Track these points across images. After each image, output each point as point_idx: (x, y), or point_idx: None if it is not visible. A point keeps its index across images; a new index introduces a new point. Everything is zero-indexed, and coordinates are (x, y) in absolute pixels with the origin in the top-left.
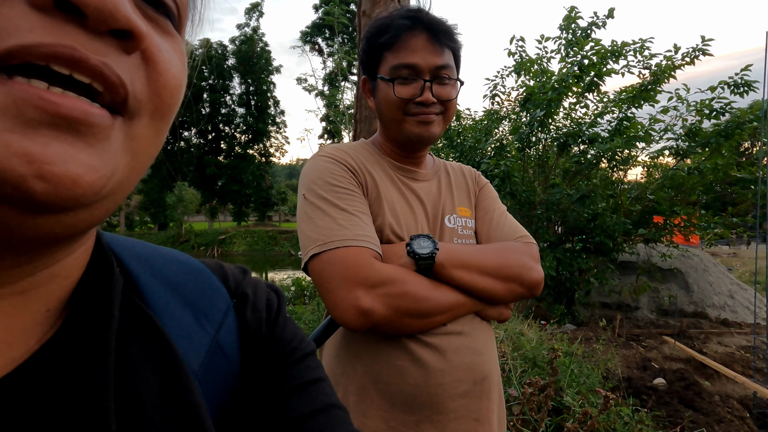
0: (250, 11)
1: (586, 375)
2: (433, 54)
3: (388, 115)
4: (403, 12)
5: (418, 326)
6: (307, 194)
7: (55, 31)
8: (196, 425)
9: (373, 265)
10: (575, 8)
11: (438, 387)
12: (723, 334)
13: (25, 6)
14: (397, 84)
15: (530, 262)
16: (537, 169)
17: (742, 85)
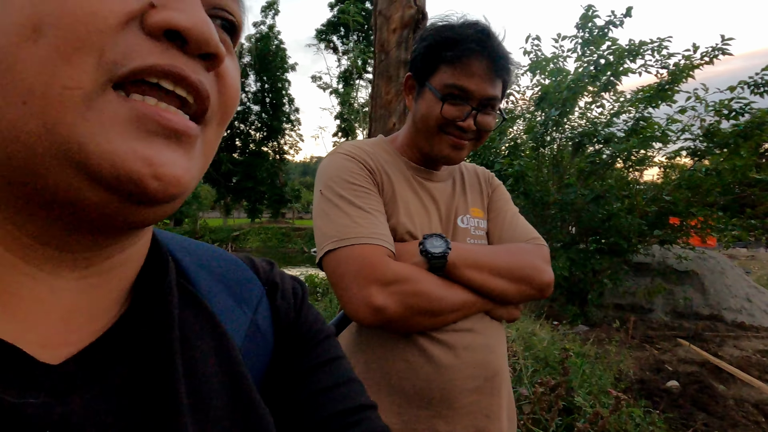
0: (266, 9)
1: (598, 376)
2: (487, 83)
3: (424, 126)
4: (473, 32)
5: (430, 324)
6: (324, 190)
7: (166, 54)
8: (245, 390)
9: (386, 263)
10: (592, 7)
11: (449, 383)
12: (739, 337)
13: (141, 33)
14: (447, 104)
15: (541, 264)
16: (551, 169)
17: (762, 85)
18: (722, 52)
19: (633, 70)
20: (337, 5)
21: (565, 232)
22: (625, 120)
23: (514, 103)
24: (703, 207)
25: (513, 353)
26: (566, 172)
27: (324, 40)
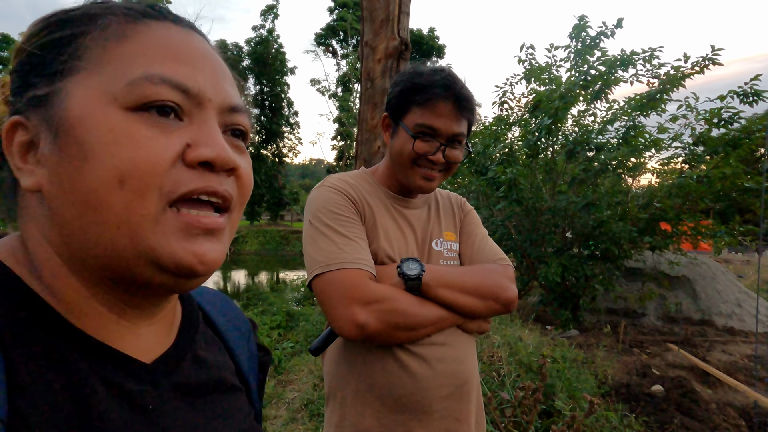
0: (266, 13)
1: (582, 381)
2: (453, 122)
3: (399, 160)
4: (440, 78)
5: (407, 338)
6: (312, 220)
7: (202, 178)
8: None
9: (367, 284)
10: (585, 17)
11: (424, 391)
12: (728, 342)
13: (183, 167)
14: (418, 141)
15: (506, 282)
16: (545, 176)
17: (751, 94)
18: (712, 62)
19: (624, 80)
20: (336, 10)
21: (558, 238)
22: (617, 128)
23: (509, 110)
24: (694, 213)
25: (498, 359)
26: (560, 179)
27: (323, 45)
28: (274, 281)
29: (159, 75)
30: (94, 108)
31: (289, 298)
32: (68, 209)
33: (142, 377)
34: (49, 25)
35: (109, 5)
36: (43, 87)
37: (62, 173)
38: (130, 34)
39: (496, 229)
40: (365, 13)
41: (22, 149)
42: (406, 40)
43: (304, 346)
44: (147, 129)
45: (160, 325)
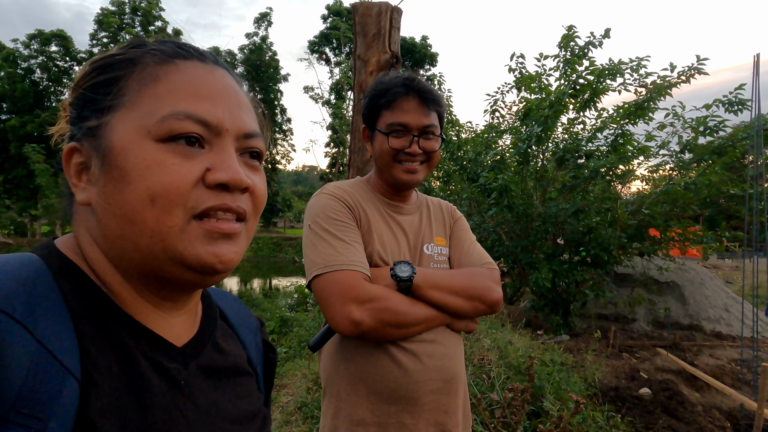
0: (259, 20)
1: (571, 383)
2: (420, 115)
3: (381, 161)
4: (400, 79)
5: (398, 335)
6: (312, 225)
7: (218, 197)
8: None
9: (363, 285)
10: (573, 27)
11: (415, 384)
12: (715, 346)
13: (203, 188)
14: (391, 137)
15: (492, 284)
16: (536, 183)
17: (736, 103)
18: (698, 71)
19: (612, 89)
20: (329, 18)
21: (549, 244)
22: (605, 136)
23: (500, 118)
24: (682, 220)
25: (488, 361)
26: (550, 186)
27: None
28: (267, 288)
29: (183, 111)
30: (132, 140)
31: (282, 305)
32: (112, 221)
33: (175, 357)
34: (98, 67)
35: (145, 49)
36: (93, 120)
37: (107, 192)
38: (162, 76)
39: (487, 236)
40: (358, 27)
41: (77, 170)
42: (397, 53)
43: (298, 351)
44: (173, 157)
45: (186, 316)
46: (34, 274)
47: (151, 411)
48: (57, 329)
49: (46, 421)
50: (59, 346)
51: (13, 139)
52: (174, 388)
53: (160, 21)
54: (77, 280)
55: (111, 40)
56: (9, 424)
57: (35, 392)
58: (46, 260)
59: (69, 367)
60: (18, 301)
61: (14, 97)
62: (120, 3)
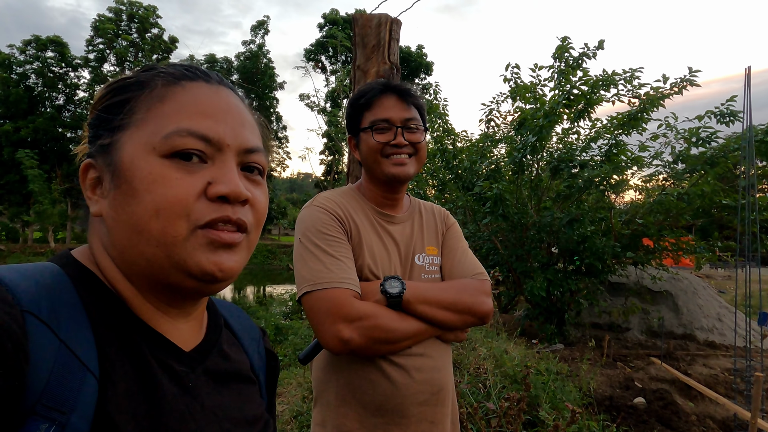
0: (256, 29)
1: (567, 392)
2: (401, 110)
3: (369, 159)
4: (376, 82)
5: (388, 350)
6: (302, 239)
7: (220, 209)
8: (252, 387)
9: (352, 303)
10: (567, 38)
11: (403, 398)
12: (709, 356)
13: (205, 200)
14: (376, 133)
15: (482, 297)
16: (530, 192)
17: (727, 114)
18: (690, 83)
19: (606, 99)
20: (326, 26)
21: (544, 253)
22: (600, 146)
23: (495, 127)
24: (676, 229)
25: (484, 371)
26: (545, 195)
27: (313, 60)
28: (261, 295)
29: (186, 129)
30: (139, 156)
31: (276, 312)
32: (121, 231)
33: (183, 361)
34: (112, 90)
35: (155, 72)
36: (106, 138)
37: (117, 204)
38: (169, 96)
39: (482, 244)
40: (357, 38)
41: (92, 184)
42: (396, 64)
43: (293, 360)
44: (176, 172)
45: (193, 323)
46: (56, 281)
47: (163, 409)
48: (77, 331)
49: (68, 414)
50: (79, 346)
51: (6, 144)
52: (182, 389)
53: (156, 28)
54: (93, 287)
55: (107, 46)
56: (36, 416)
57: (59, 387)
58: (65, 269)
59: (89, 366)
60: (43, 305)
61: (8, 102)
62: (117, 10)
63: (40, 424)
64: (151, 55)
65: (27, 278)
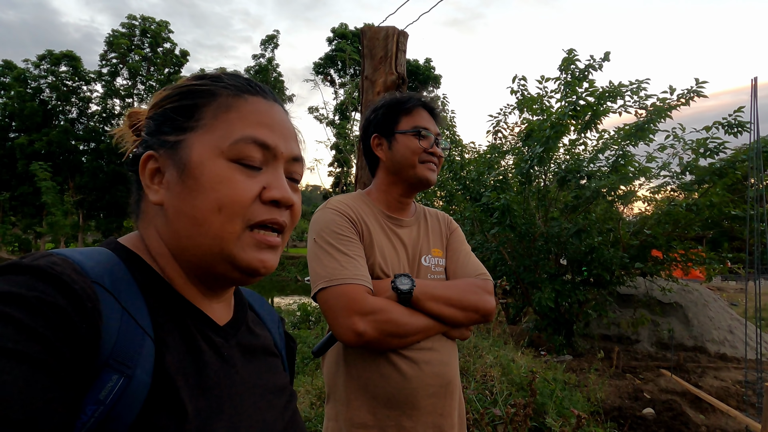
0: (266, 43)
1: (574, 401)
2: (433, 125)
3: (406, 161)
4: (413, 94)
5: (399, 344)
6: (317, 239)
7: (271, 212)
8: (276, 360)
9: (366, 298)
10: (573, 51)
11: (414, 390)
12: (720, 368)
13: (260, 203)
14: (421, 138)
15: (485, 295)
16: (538, 203)
17: (735, 125)
18: (697, 94)
19: (613, 110)
20: (335, 40)
21: (552, 264)
22: (607, 156)
23: (503, 138)
24: (685, 241)
25: (491, 378)
26: (552, 206)
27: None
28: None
29: (251, 136)
30: (209, 158)
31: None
32: (182, 221)
33: (219, 333)
34: (180, 93)
35: (221, 83)
36: (172, 136)
37: (182, 197)
38: (234, 106)
39: (490, 255)
40: (365, 50)
41: (152, 174)
42: (403, 75)
43: (301, 368)
44: (239, 175)
45: (224, 304)
46: (111, 261)
47: (206, 372)
48: (134, 302)
49: (133, 368)
50: (137, 314)
51: (20, 157)
52: (220, 357)
53: (168, 43)
54: (142, 267)
55: (120, 60)
56: (109, 368)
57: (125, 346)
58: (115, 252)
59: (146, 330)
60: (106, 278)
61: (23, 115)
62: (130, 25)
63: (112, 375)
64: (163, 69)
65: (87, 257)
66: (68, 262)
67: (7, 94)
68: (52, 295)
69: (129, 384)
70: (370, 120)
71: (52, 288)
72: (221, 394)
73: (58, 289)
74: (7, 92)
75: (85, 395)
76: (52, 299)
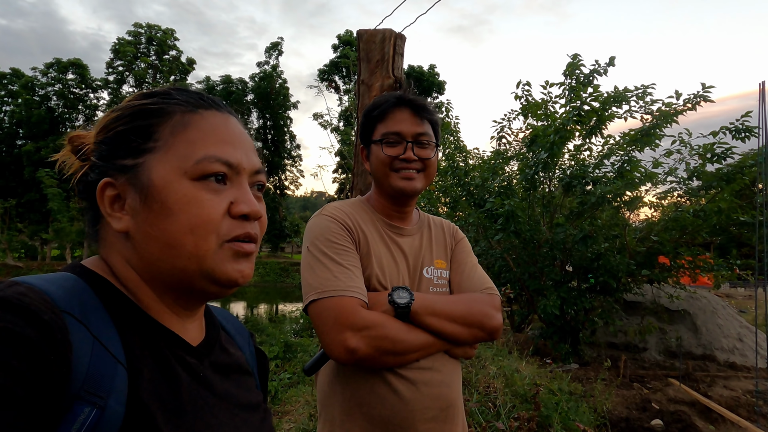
0: (270, 50)
1: (580, 413)
2: (414, 124)
3: (378, 172)
4: (393, 94)
5: (395, 362)
6: (310, 247)
7: (243, 227)
8: (249, 378)
9: (359, 312)
10: (578, 56)
11: (410, 413)
12: (729, 377)
13: (230, 218)
14: (385, 146)
15: (492, 311)
16: (543, 209)
17: (742, 130)
18: (703, 98)
19: (618, 115)
20: (339, 47)
21: (558, 271)
22: (612, 162)
23: (507, 144)
24: (692, 247)
25: (494, 389)
26: (557, 212)
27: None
28: (273, 313)
29: (214, 155)
30: (172, 180)
31: (287, 330)
32: (153, 246)
33: (193, 354)
34: (131, 114)
35: (172, 99)
36: (129, 159)
37: (150, 222)
38: (191, 123)
39: (494, 262)
40: (362, 53)
41: (111, 201)
42: (400, 78)
43: (301, 377)
44: (206, 193)
45: (197, 323)
46: (78, 287)
47: (181, 396)
48: (105, 329)
49: (106, 398)
50: (109, 341)
51: (27, 164)
52: (195, 378)
53: (174, 50)
54: (111, 292)
55: (126, 68)
56: (81, 400)
57: (96, 376)
58: (81, 277)
59: (118, 358)
60: (74, 306)
61: (30, 123)
62: (136, 33)
63: (84, 407)
64: (169, 76)
65: (54, 285)
66: (36, 291)
67: (14, 101)
68: (20, 326)
69: (102, 415)
70: (358, 129)
71: (20, 319)
72: (197, 416)
73: (27, 320)
74: (14, 100)
75: (56, 429)
76: (21, 330)
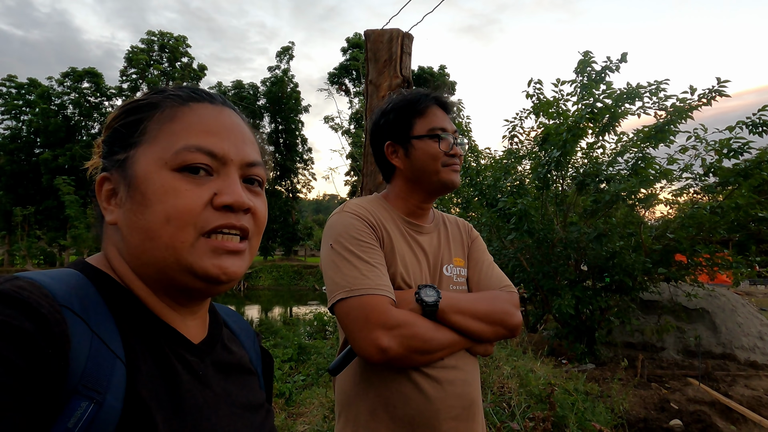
0: (281, 54)
1: (597, 413)
2: (449, 122)
3: (428, 167)
4: (424, 92)
5: (423, 361)
6: (334, 245)
7: (224, 217)
8: (252, 377)
9: (390, 311)
10: (590, 53)
11: (435, 412)
12: (750, 376)
13: (212, 209)
14: (436, 140)
15: (512, 309)
16: (556, 208)
17: (760, 125)
18: (719, 93)
19: (632, 112)
20: (349, 50)
21: (572, 270)
22: (626, 159)
23: (519, 143)
24: (710, 244)
25: (508, 389)
26: (571, 211)
27: (336, 83)
28: (287, 315)
29: (195, 145)
30: (152, 170)
31: (301, 332)
32: (135, 237)
33: (193, 352)
34: (126, 111)
35: (165, 94)
36: (121, 154)
37: (132, 213)
38: (178, 116)
39: (508, 262)
40: (370, 54)
41: (107, 195)
42: (408, 77)
43: (316, 379)
44: (186, 184)
45: (199, 320)
46: (79, 282)
47: (180, 393)
48: (104, 324)
49: (104, 394)
50: (108, 337)
51: (45, 172)
52: (194, 376)
53: (186, 57)
54: (111, 287)
55: (139, 76)
56: (78, 395)
57: (94, 371)
58: (83, 272)
59: (117, 353)
60: (74, 301)
61: (47, 131)
62: (149, 41)
63: (81, 402)
64: (182, 83)
65: (55, 280)
66: (35, 285)
67: (32, 111)
68: (18, 319)
69: (99, 410)
70: (380, 125)
71: (18, 312)
72: (196, 415)
73: (25, 313)
74: (32, 109)
75: (53, 424)
76: (18, 323)
